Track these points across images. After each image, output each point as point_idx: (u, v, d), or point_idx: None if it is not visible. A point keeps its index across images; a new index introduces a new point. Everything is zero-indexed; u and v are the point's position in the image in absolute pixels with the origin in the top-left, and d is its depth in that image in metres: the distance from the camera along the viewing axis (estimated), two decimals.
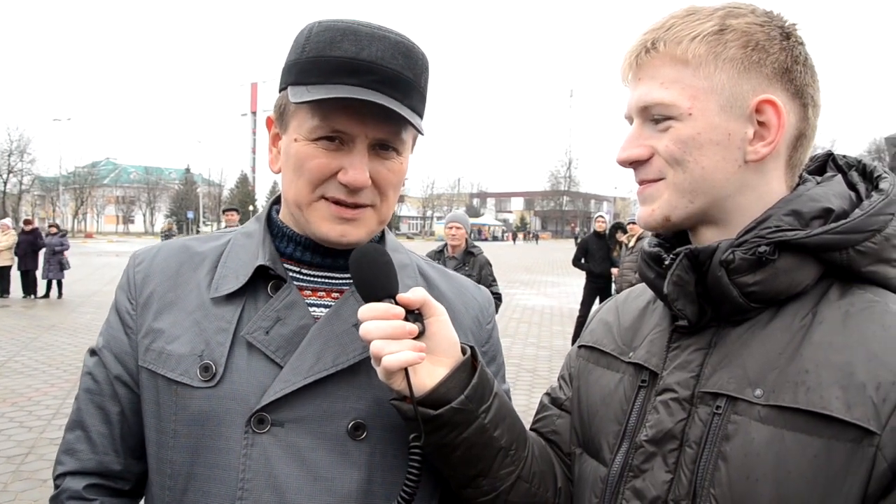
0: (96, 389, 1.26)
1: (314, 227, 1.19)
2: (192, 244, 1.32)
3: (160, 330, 1.21)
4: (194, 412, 1.14)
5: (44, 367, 9.56)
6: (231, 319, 1.18)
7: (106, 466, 1.24)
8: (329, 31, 1.14)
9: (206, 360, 1.15)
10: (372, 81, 1.12)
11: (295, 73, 1.16)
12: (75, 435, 1.26)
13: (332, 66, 1.12)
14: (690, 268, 1.07)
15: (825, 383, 0.95)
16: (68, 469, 1.24)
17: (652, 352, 1.16)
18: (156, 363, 1.19)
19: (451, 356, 1.13)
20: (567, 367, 1.39)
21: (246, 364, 1.15)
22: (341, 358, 1.15)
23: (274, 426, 1.12)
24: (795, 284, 1.03)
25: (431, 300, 1.13)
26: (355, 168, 1.14)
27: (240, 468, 1.11)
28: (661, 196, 1.10)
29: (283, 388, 1.12)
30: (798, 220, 1.04)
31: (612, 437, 1.16)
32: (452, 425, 1.10)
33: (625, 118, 1.16)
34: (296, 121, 1.17)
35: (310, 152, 1.15)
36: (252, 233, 1.30)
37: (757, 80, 1.04)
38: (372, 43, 1.13)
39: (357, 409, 1.16)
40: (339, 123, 1.13)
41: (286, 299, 1.20)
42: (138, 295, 1.26)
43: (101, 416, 1.25)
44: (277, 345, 1.16)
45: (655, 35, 1.09)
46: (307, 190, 1.17)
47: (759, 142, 1.05)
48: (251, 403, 1.13)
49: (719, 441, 1.00)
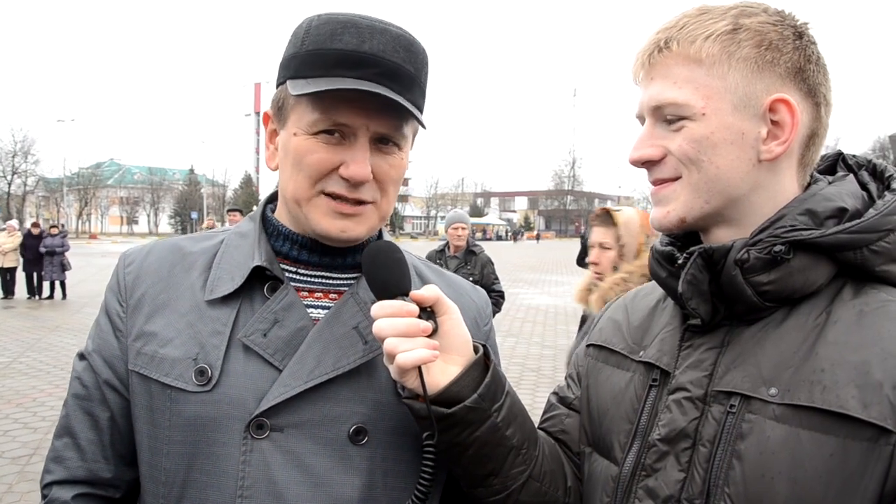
0: (85, 395, 1.22)
1: (314, 223, 1.17)
2: (184, 244, 1.28)
3: (152, 333, 1.17)
4: (189, 417, 1.11)
5: (48, 368, 9.58)
6: (227, 322, 1.15)
7: (96, 474, 1.20)
8: (329, 24, 1.13)
9: (202, 363, 1.12)
10: (374, 74, 1.10)
11: (294, 66, 1.14)
12: (63, 442, 1.22)
13: (333, 59, 1.11)
14: (704, 267, 1.07)
15: (841, 382, 0.95)
16: (56, 478, 1.20)
17: (663, 350, 1.15)
18: (148, 367, 1.15)
19: (463, 354, 1.13)
20: (575, 366, 1.38)
21: (243, 367, 1.12)
22: (342, 361, 1.14)
23: (273, 431, 1.10)
24: (809, 284, 1.03)
25: (444, 298, 1.13)
26: (357, 162, 1.12)
27: (238, 475, 1.08)
28: (678, 198, 1.10)
29: (282, 393, 1.10)
30: (812, 219, 1.04)
31: (623, 435, 1.16)
32: (465, 424, 1.09)
33: (636, 118, 1.16)
34: (295, 115, 1.15)
35: (310, 146, 1.13)
36: (246, 232, 1.27)
37: (770, 80, 1.04)
38: (373, 36, 1.11)
39: (358, 413, 1.14)
40: (341, 116, 1.11)
41: (284, 300, 1.17)
42: (129, 297, 1.22)
43: (89, 422, 1.21)
44: (275, 347, 1.14)
45: (668, 34, 1.08)
46: (307, 185, 1.15)
47: (772, 141, 1.05)
48: (249, 408, 1.10)
49: (733, 440, 1.00)
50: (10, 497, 5.16)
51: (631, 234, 3.27)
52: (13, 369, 9.48)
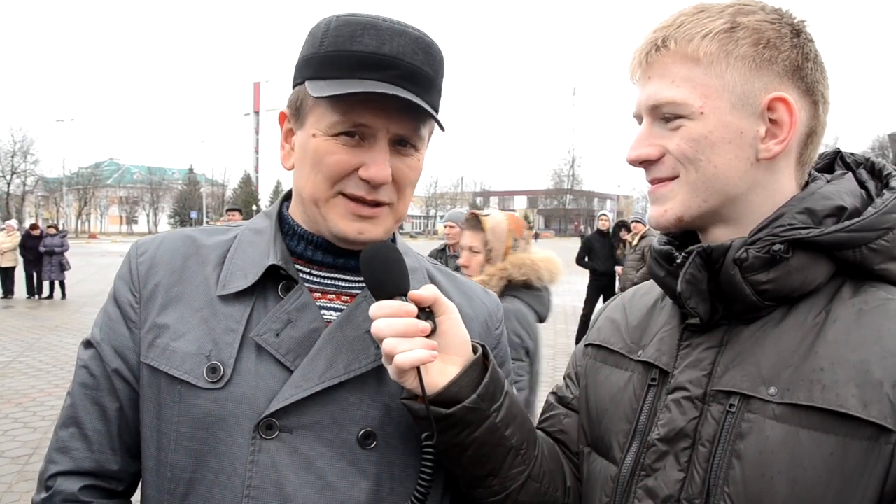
0: (93, 384, 1.19)
1: (331, 224, 1.16)
2: (198, 236, 1.27)
3: (165, 325, 1.17)
4: (199, 414, 1.11)
5: (48, 368, 9.58)
6: (240, 319, 1.15)
7: (103, 466, 1.18)
8: (349, 26, 1.12)
9: (214, 360, 1.12)
10: (394, 77, 1.10)
11: (314, 67, 1.14)
12: (69, 432, 1.19)
13: (353, 61, 1.10)
14: (703, 266, 1.07)
15: (841, 381, 0.95)
16: (62, 469, 1.17)
17: (662, 350, 1.15)
18: (159, 360, 1.14)
19: (462, 354, 1.12)
20: (573, 366, 1.38)
21: (254, 367, 1.12)
22: (354, 365, 1.13)
23: (282, 432, 1.09)
24: (808, 282, 1.03)
25: (442, 298, 1.12)
26: (377, 163, 1.11)
27: (246, 475, 1.08)
28: (676, 196, 1.10)
29: (293, 394, 1.09)
30: (811, 218, 1.04)
31: (622, 435, 1.16)
32: (464, 424, 1.09)
33: (633, 117, 1.16)
34: (314, 116, 1.14)
35: (329, 147, 1.12)
36: (262, 229, 1.26)
37: (768, 78, 1.04)
38: (393, 38, 1.11)
39: (367, 417, 1.14)
40: (361, 118, 1.11)
41: (298, 301, 1.17)
42: (142, 287, 1.20)
43: (98, 412, 1.19)
44: (288, 348, 1.13)
45: (666, 33, 1.08)
46: (325, 186, 1.14)
47: (770, 139, 1.05)
48: (259, 408, 1.10)
49: (733, 439, 1.00)
50: (9, 497, 5.16)
51: (498, 238, 3.42)
52: (13, 369, 9.47)
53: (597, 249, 11.80)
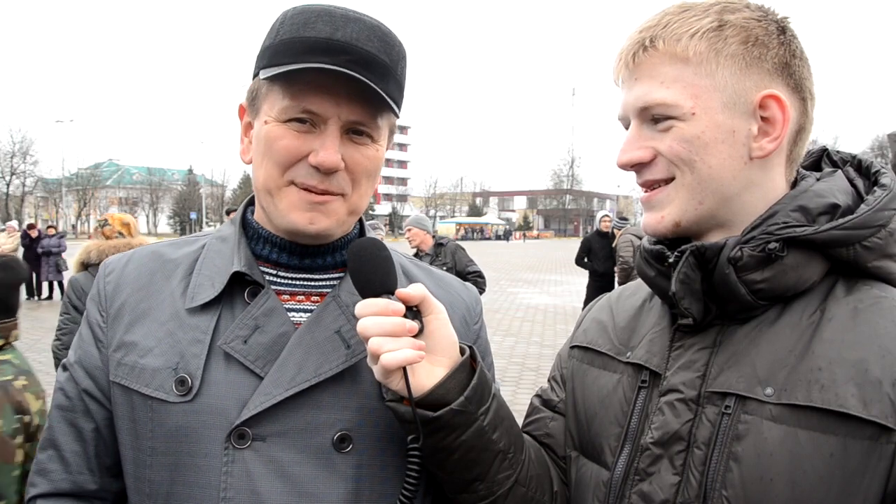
0: (68, 406, 1.20)
1: (283, 214, 1.14)
2: (165, 250, 1.26)
3: (132, 343, 1.15)
4: (171, 428, 1.09)
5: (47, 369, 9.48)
6: (207, 329, 1.13)
7: (81, 486, 1.18)
8: (303, 14, 1.12)
9: (182, 373, 1.10)
10: (346, 61, 1.08)
11: (268, 56, 1.13)
12: (47, 454, 1.19)
13: (305, 47, 1.09)
14: (696, 265, 1.05)
15: (840, 381, 0.94)
16: (41, 491, 1.18)
17: (652, 351, 1.13)
18: (128, 378, 1.13)
19: (449, 356, 1.10)
20: (559, 368, 1.36)
21: (224, 376, 1.10)
22: (324, 367, 1.11)
23: (255, 441, 1.08)
24: (803, 281, 1.02)
25: (430, 297, 1.10)
26: (326, 149, 1.09)
27: (220, 486, 1.07)
28: (673, 201, 1.08)
29: (263, 402, 1.08)
30: (805, 215, 1.03)
31: (613, 439, 1.14)
32: (451, 428, 1.07)
33: (619, 120, 1.14)
34: (267, 104, 1.13)
35: (279, 133, 1.11)
36: (227, 237, 1.25)
37: (759, 76, 1.03)
38: (347, 24, 1.10)
39: (342, 419, 1.12)
40: (311, 103, 1.09)
41: (264, 306, 1.15)
42: (109, 306, 1.20)
43: (73, 433, 1.19)
44: (256, 354, 1.11)
45: (652, 32, 1.06)
46: (276, 173, 1.13)
47: (763, 138, 1.04)
48: (231, 417, 1.08)
49: (730, 441, 0.99)
50: None
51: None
52: None
53: (596, 250, 11.79)
